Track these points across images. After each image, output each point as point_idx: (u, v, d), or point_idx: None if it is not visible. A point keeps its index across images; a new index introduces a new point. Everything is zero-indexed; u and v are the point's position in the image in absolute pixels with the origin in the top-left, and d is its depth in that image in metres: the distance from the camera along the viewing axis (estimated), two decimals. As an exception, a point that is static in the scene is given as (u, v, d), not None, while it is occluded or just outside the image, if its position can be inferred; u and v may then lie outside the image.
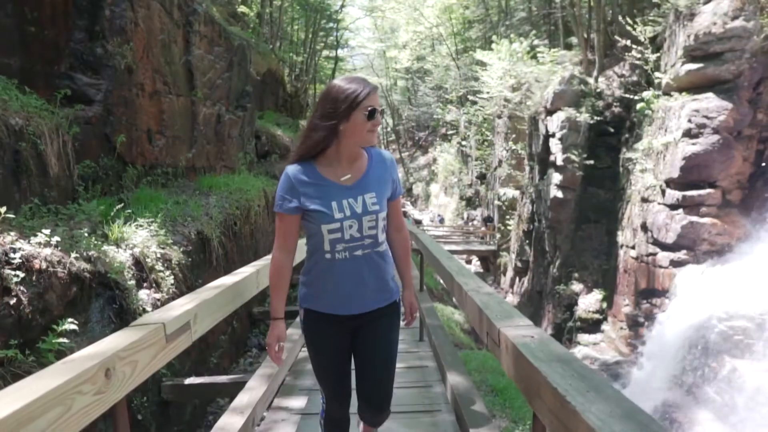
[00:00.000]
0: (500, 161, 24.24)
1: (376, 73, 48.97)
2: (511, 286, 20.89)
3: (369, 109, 1.99)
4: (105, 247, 3.93)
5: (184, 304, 1.93)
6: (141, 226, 4.58)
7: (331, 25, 26.32)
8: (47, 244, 3.22)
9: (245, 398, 2.75)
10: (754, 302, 9.96)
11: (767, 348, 9.62)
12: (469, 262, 27.95)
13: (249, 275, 2.66)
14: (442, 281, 5.99)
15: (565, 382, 1.21)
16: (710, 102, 11.69)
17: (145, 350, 1.50)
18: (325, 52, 28.38)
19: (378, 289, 2.18)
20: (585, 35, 18.68)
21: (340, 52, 30.59)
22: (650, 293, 12.77)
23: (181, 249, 4.92)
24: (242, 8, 17.48)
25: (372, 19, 38.64)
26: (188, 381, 4.16)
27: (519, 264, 19.80)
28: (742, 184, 12.02)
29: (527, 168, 20.05)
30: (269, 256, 4.40)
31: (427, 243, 4.60)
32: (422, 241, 4.91)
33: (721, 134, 11.52)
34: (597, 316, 15.18)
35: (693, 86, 12.35)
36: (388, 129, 51.01)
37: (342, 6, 26.87)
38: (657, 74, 13.70)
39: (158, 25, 6.70)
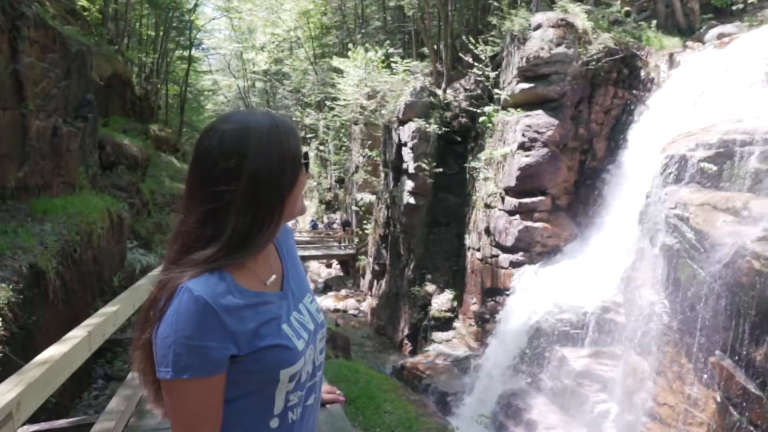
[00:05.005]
0: (357, 167, 24.80)
1: (233, 74, 47.68)
2: (370, 288, 21.51)
3: (305, 159, 1.29)
4: None
5: (5, 393, 1.81)
6: (-40, 263, 4.19)
7: (183, 23, 25.13)
8: None
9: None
10: (577, 297, 11.29)
11: (588, 336, 10.95)
12: (329, 266, 28.29)
13: (80, 342, 2.56)
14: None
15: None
16: (540, 118, 13.01)
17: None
18: (178, 52, 27.01)
19: None
20: (435, 48, 19.78)
21: (195, 53, 29.28)
22: (494, 292, 13.90)
23: (11, 286, 4.56)
24: (83, 2, 16.11)
25: (228, 19, 37.46)
26: (21, 430, 3.88)
27: (377, 267, 20.44)
28: (568, 190, 13.53)
29: (382, 174, 20.73)
30: (104, 310, 4.16)
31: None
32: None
33: (550, 147, 12.87)
34: (449, 314, 16.17)
35: (526, 103, 13.65)
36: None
37: (195, 5, 25.76)
38: (497, 90, 14.91)
39: (-22, 31, 6.09)
